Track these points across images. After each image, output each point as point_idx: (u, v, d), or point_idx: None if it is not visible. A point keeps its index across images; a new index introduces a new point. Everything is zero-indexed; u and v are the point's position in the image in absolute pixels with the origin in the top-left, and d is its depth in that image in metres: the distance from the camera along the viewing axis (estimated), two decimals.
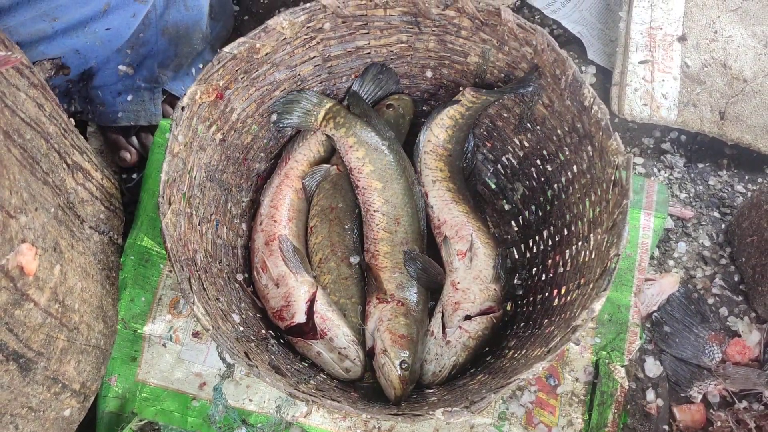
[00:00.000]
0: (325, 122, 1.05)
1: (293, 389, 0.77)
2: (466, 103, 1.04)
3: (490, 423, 1.02)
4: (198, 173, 0.91)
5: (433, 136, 1.07)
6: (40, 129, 0.80)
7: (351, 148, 1.04)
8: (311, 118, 1.04)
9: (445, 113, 1.05)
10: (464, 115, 1.05)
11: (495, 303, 1.00)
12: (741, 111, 1.25)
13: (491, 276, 1.01)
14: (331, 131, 1.05)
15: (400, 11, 0.95)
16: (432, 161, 1.07)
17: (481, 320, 0.98)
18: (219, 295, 0.91)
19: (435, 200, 1.06)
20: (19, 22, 0.92)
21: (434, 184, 1.06)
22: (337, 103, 1.06)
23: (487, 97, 1.02)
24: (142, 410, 1.00)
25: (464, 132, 1.08)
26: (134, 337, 1.02)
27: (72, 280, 0.80)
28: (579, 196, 0.94)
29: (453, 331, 0.98)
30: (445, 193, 1.06)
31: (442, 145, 1.07)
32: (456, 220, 1.04)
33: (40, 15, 0.93)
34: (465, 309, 0.99)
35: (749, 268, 1.16)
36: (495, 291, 1.00)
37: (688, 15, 1.31)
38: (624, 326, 1.08)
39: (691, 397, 1.09)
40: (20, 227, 0.67)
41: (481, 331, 0.98)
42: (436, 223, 1.06)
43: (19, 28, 0.93)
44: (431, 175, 1.06)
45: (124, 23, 1.03)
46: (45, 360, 0.77)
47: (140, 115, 1.16)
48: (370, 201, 1.05)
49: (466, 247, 1.02)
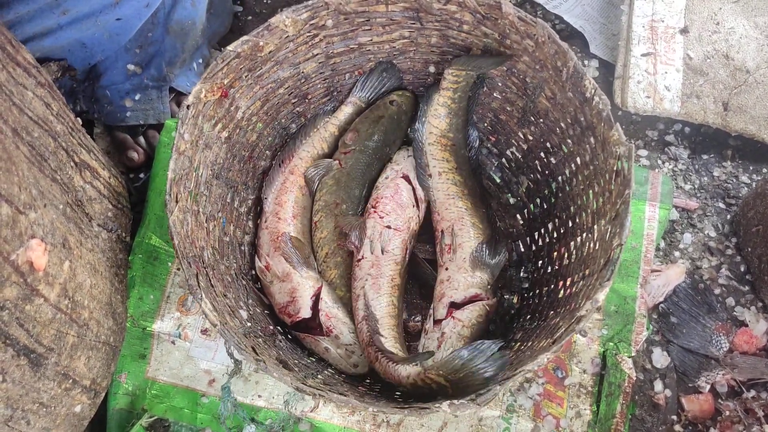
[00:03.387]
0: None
1: (300, 383, 0.78)
2: (451, 85, 1.03)
3: (498, 415, 1.02)
4: (204, 171, 0.92)
5: (432, 127, 1.06)
6: (48, 127, 0.81)
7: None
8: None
9: (435, 102, 1.05)
10: (454, 99, 1.04)
11: (482, 290, 0.99)
12: (744, 102, 1.25)
13: (474, 264, 1.00)
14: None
15: (401, 7, 0.95)
16: (438, 152, 1.06)
17: (473, 308, 0.97)
18: (226, 291, 0.92)
19: (438, 194, 1.05)
20: (28, 12, 0.92)
21: (440, 176, 1.05)
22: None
23: (467, 71, 1.01)
24: (151, 407, 1.01)
25: (462, 118, 1.07)
26: (143, 334, 1.03)
27: (81, 277, 0.81)
28: (582, 187, 0.95)
29: (447, 323, 0.97)
30: (450, 187, 1.05)
31: (444, 134, 1.06)
32: (453, 216, 1.03)
33: (50, 6, 0.93)
34: (449, 296, 0.98)
35: (755, 257, 1.16)
36: (480, 278, 0.99)
37: (690, 7, 1.31)
38: (631, 317, 1.08)
39: (699, 387, 1.09)
40: (29, 223, 0.68)
41: (474, 319, 0.97)
42: (435, 218, 1.06)
43: (25, 24, 0.94)
44: (438, 166, 1.05)
45: (135, 13, 1.03)
46: (56, 355, 0.78)
47: (149, 114, 1.17)
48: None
49: (454, 241, 1.02)
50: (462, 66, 1.01)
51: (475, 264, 1.00)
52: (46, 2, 0.93)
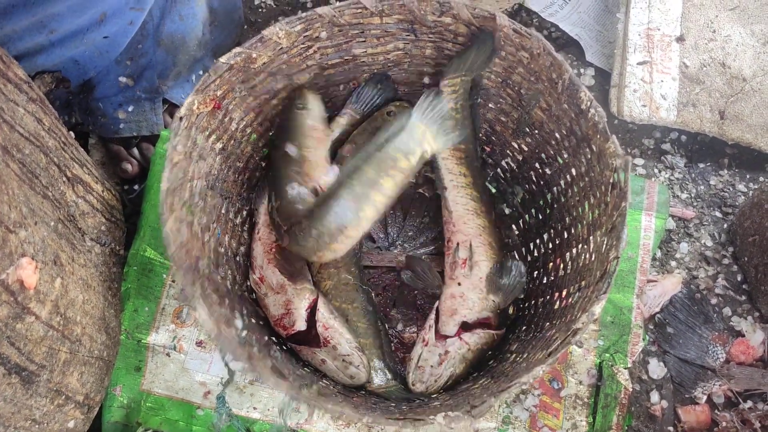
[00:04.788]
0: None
1: (295, 392, 0.78)
2: (450, 95, 1.01)
3: (494, 427, 1.02)
4: (198, 182, 0.92)
5: None
6: (39, 143, 0.80)
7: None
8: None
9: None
10: (457, 109, 1.02)
11: (492, 314, 0.99)
12: (741, 110, 1.25)
13: (490, 287, 0.99)
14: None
15: (396, 19, 0.95)
16: (454, 166, 1.03)
17: (482, 334, 0.97)
18: (222, 301, 0.91)
19: (456, 206, 1.03)
20: (14, 30, 0.92)
21: (457, 189, 1.03)
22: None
23: (462, 77, 0.99)
24: (147, 420, 1.01)
25: (468, 128, 1.05)
26: (138, 347, 1.03)
27: (73, 293, 0.81)
28: (578, 199, 0.94)
29: (453, 342, 0.97)
30: (468, 202, 1.02)
31: (456, 147, 1.03)
32: (471, 231, 1.02)
33: (37, 25, 0.93)
34: (462, 315, 0.98)
35: (752, 267, 1.15)
36: (493, 302, 0.99)
37: (686, 15, 1.31)
38: (627, 328, 1.08)
39: (696, 398, 1.09)
40: (20, 241, 0.68)
41: (482, 345, 0.97)
42: (450, 228, 1.04)
43: (17, 41, 0.93)
44: (455, 180, 1.03)
45: (121, 31, 1.03)
46: (48, 372, 0.78)
47: (142, 126, 1.16)
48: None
49: (469, 256, 1.01)
50: (455, 73, 1.00)
51: (491, 286, 0.99)
52: (31, 22, 0.93)
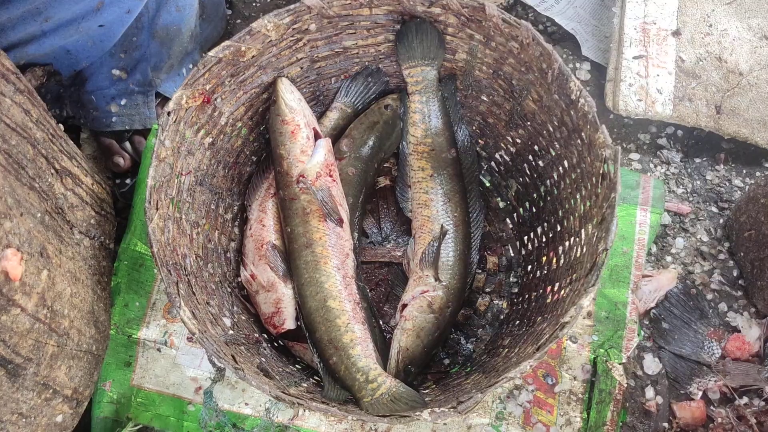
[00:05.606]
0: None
1: (279, 392, 0.77)
2: (414, 88, 1.05)
3: (487, 423, 1.01)
4: (187, 178, 0.91)
5: (410, 136, 1.07)
6: (27, 134, 0.80)
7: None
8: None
9: (409, 110, 1.06)
10: (423, 101, 1.05)
11: (428, 287, 1.01)
12: (737, 105, 1.24)
13: (422, 263, 1.02)
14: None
15: (385, 10, 0.94)
16: (415, 161, 1.07)
17: (413, 302, 1.00)
18: (210, 299, 0.91)
19: (412, 203, 1.07)
20: (9, 18, 0.92)
21: (413, 186, 1.07)
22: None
23: (421, 66, 1.02)
24: (137, 415, 1.00)
25: (441, 120, 1.06)
26: (128, 342, 1.02)
27: (60, 285, 0.80)
28: (570, 191, 0.94)
29: (397, 323, 1.01)
30: (421, 196, 1.06)
31: (421, 141, 1.06)
32: (417, 224, 1.06)
33: (32, 13, 0.93)
34: (402, 301, 1.02)
35: (748, 262, 1.14)
36: (427, 276, 1.01)
37: (682, 9, 1.30)
38: (622, 323, 1.07)
39: (691, 393, 1.08)
40: (4, 232, 0.67)
41: (416, 311, 1.00)
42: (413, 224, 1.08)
43: (9, 31, 0.93)
44: (414, 176, 1.07)
45: (117, 19, 1.03)
46: (34, 366, 0.77)
47: (134, 119, 1.16)
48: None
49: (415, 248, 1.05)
50: (407, 58, 1.01)
51: (423, 264, 1.02)
52: (27, 9, 0.93)
